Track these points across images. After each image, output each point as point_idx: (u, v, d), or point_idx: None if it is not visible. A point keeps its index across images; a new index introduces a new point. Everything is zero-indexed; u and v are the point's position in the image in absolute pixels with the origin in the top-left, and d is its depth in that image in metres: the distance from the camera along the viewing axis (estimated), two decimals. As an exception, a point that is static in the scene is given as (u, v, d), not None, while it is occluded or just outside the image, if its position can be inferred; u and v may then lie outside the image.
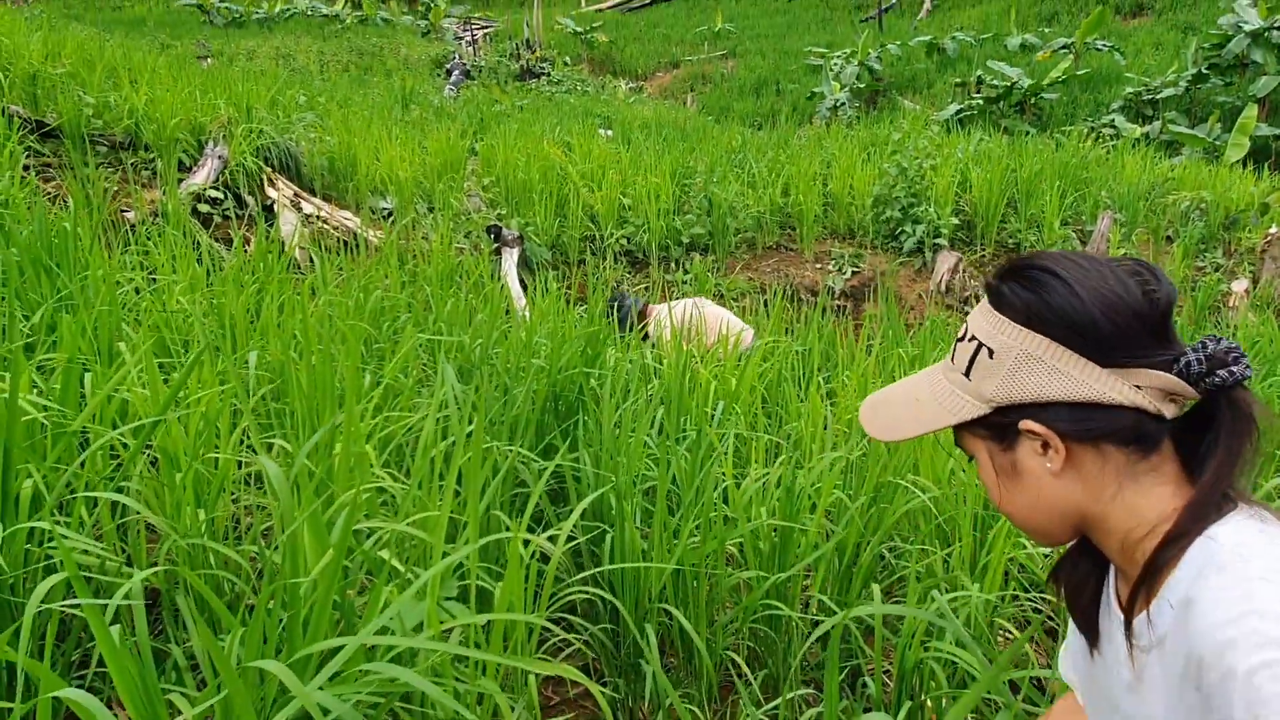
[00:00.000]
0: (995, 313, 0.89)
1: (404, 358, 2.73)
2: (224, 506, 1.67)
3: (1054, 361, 0.85)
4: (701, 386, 3.30)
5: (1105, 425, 0.84)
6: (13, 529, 1.24)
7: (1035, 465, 0.88)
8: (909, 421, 0.95)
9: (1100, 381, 0.84)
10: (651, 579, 2.14)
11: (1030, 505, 0.90)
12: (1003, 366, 0.87)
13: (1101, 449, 0.85)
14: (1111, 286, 0.84)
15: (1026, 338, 0.86)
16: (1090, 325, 0.83)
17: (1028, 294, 0.87)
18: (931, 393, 0.94)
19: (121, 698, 0.94)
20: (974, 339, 0.90)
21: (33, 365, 1.83)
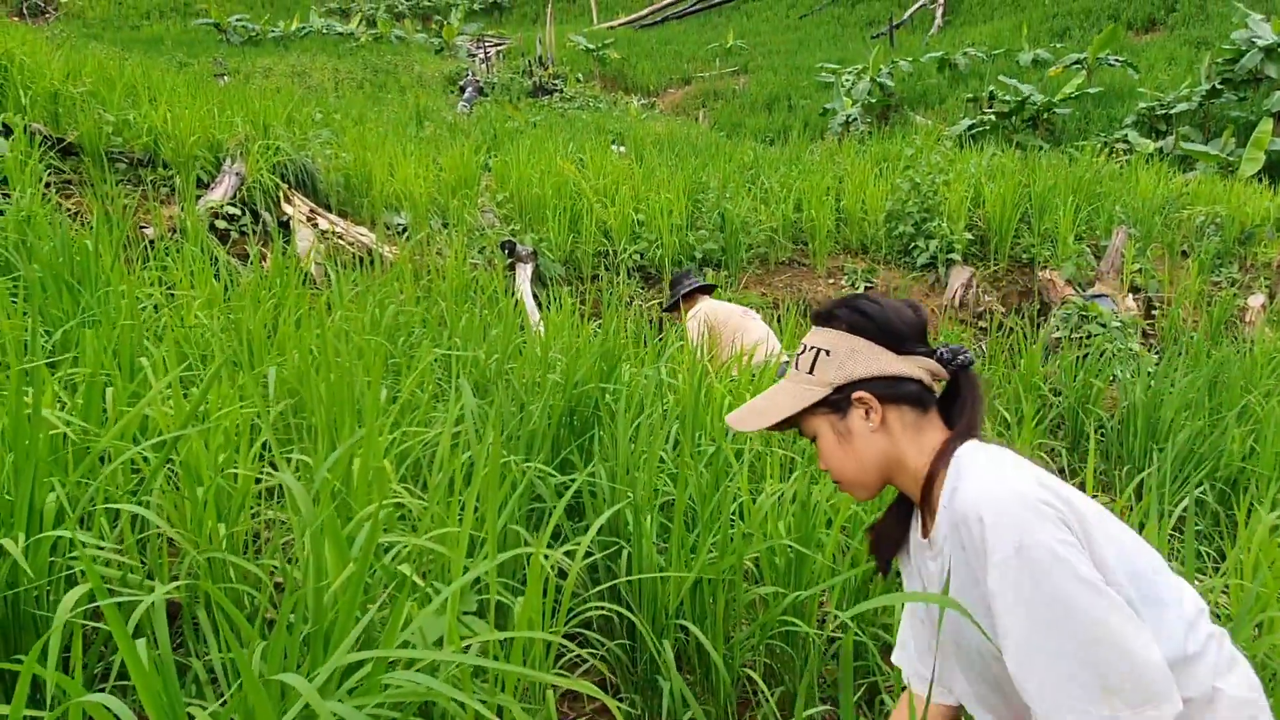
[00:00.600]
0: (825, 329, 1.32)
1: (421, 374, 2.74)
2: (244, 521, 1.67)
3: (870, 351, 1.27)
4: (716, 401, 3.29)
5: (902, 391, 1.26)
6: (36, 538, 1.25)
7: (861, 427, 1.27)
8: (773, 412, 1.30)
9: (898, 362, 1.26)
10: (669, 594, 2.14)
11: (857, 460, 1.28)
12: (838, 359, 1.28)
13: (900, 409, 1.26)
14: (898, 307, 1.30)
15: (852, 339, 1.28)
16: (889, 326, 1.27)
17: (848, 311, 1.30)
18: (786, 392, 1.32)
19: (145, 709, 0.94)
20: (814, 348, 1.31)
21: (56, 380, 1.84)
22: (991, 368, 5.19)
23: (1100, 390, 4.87)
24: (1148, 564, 1.13)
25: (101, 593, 0.93)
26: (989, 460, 1.18)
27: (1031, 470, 1.17)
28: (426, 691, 1.08)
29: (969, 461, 1.19)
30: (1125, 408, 4.58)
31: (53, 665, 0.95)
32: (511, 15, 27.32)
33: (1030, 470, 1.17)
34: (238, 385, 1.97)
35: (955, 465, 1.20)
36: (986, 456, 1.20)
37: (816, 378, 1.29)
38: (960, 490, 1.15)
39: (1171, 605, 1.12)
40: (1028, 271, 7.15)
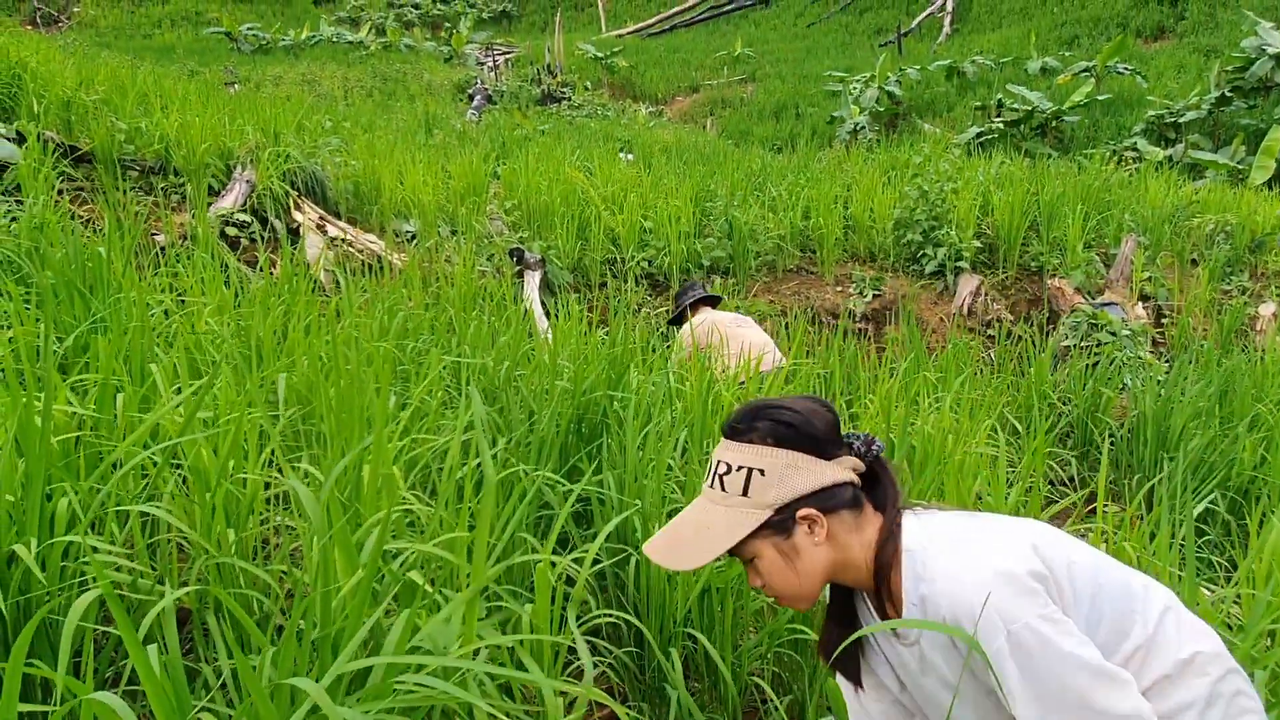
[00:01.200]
0: (746, 445, 1.25)
1: (430, 381, 2.75)
2: (253, 526, 1.68)
3: (805, 465, 1.23)
4: (725, 409, 3.29)
5: (841, 497, 1.25)
6: (49, 543, 1.26)
7: (806, 542, 1.23)
8: (708, 545, 1.24)
9: (831, 470, 1.24)
10: (676, 602, 2.14)
11: (806, 575, 1.25)
12: (774, 477, 1.22)
13: (840, 515, 1.25)
14: (810, 407, 1.26)
15: (782, 454, 1.23)
16: (813, 433, 1.24)
17: (769, 424, 1.25)
18: (719, 519, 1.24)
19: (155, 713, 0.94)
20: (742, 468, 1.24)
21: (67, 386, 1.85)
22: (1000, 376, 5.17)
23: (1110, 399, 4.85)
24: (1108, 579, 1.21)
25: (112, 598, 0.93)
26: (944, 545, 1.19)
27: (980, 529, 1.21)
28: (437, 695, 1.08)
29: (923, 550, 1.19)
30: (1135, 416, 4.57)
31: (63, 669, 0.96)
32: (520, 24, 27.44)
33: (980, 531, 1.21)
34: (246, 390, 1.98)
35: (910, 556, 1.21)
36: (938, 540, 1.20)
37: (753, 500, 1.23)
38: (933, 594, 1.16)
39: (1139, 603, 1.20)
40: (1036, 280, 7.13)
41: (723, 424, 1.30)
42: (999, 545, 1.18)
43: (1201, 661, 1.18)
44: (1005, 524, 1.26)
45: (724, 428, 1.30)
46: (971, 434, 3.34)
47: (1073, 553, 1.22)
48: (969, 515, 1.29)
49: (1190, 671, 1.17)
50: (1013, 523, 1.27)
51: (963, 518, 1.28)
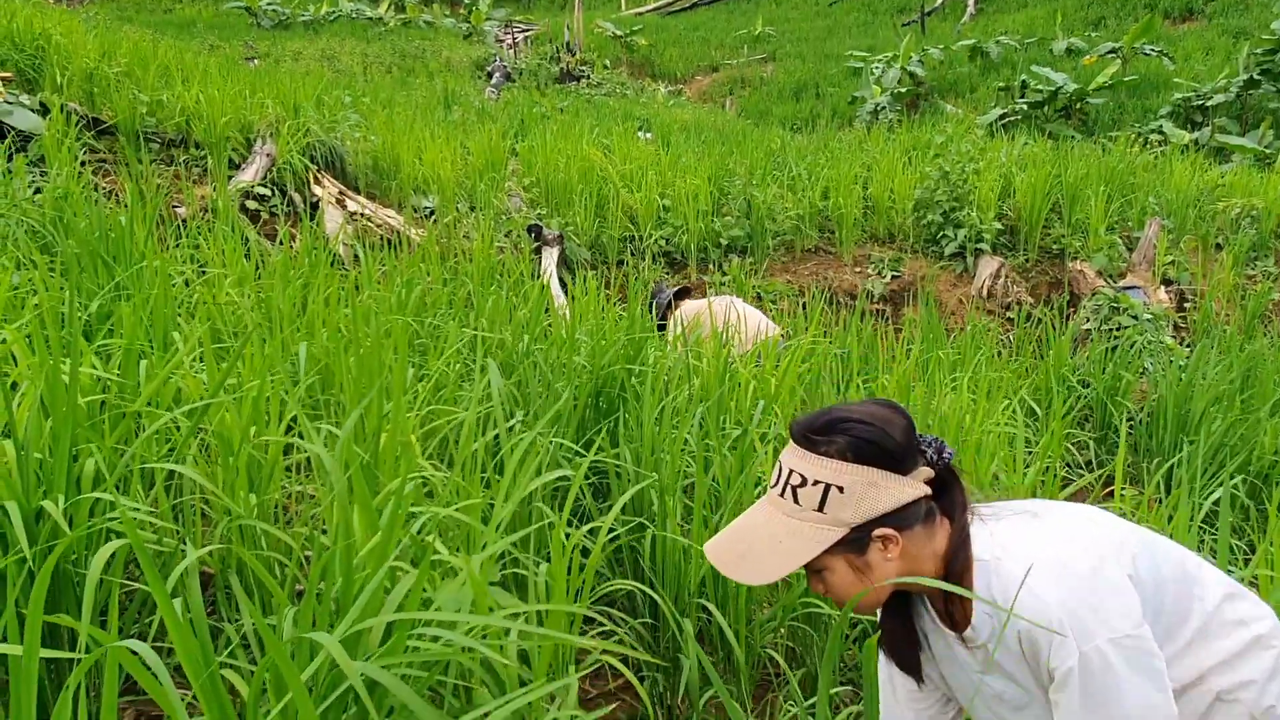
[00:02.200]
0: (823, 458, 1.20)
1: (449, 354, 2.76)
2: (274, 488, 1.70)
3: (883, 483, 1.19)
4: (741, 386, 3.29)
5: (916, 514, 1.22)
6: (75, 499, 1.28)
7: (879, 558, 1.21)
8: (782, 560, 1.21)
9: (908, 487, 1.20)
10: (691, 575, 2.15)
11: (875, 593, 1.23)
12: (854, 496, 1.18)
13: (914, 530, 1.22)
14: (887, 416, 1.22)
15: (862, 471, 1.19)
16: (891, 448, 1.20)
17: (847, 439, 1.20)
18: (792, 533, 1.21)
19: (183, 665, 0.96)
20: (819, 482, 1.20)
21: (92, 350, 1.88)
22: (1019, 359, 5.14)
23: (1130, 383, 4.82)
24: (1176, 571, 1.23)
25: (140, 547, 0.95)
26: (1019, 555, 1.18)
27: (1049, 536, 1.21)
28: (453, 652, 1.09)
29: (997, 561, 1.19)
30: (1155, 400, 4.53)
31: (86, 619, 0.98)
32: (539, 1, 27.29)
33: (1050, 538, 1.20)
34: (266, 355, 2.00)
35: (983, 566, 1.20)
36: (1011, 550, 1.19)
37: (829, 516, 1.19)
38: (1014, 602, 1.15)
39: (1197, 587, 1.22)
40: (1058, 263, 7.07)
41: (791, 427, 1.26)
42: (1074, 554, 1.18)
43: (1266, 638, 1.21)
44: (1072, 522, 1.24)
45: (796, 434, 1.24)
46: (989, 414, 3.32)
47: (1134, 542, 1.22)
48: (1033, 516, 1.26)
49: (1257, 647, 1.20)
50: (1077, 519, 1.25)
51: (1029, 521, 1.25)
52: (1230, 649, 1.20)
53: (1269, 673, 1.20)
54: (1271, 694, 1.19)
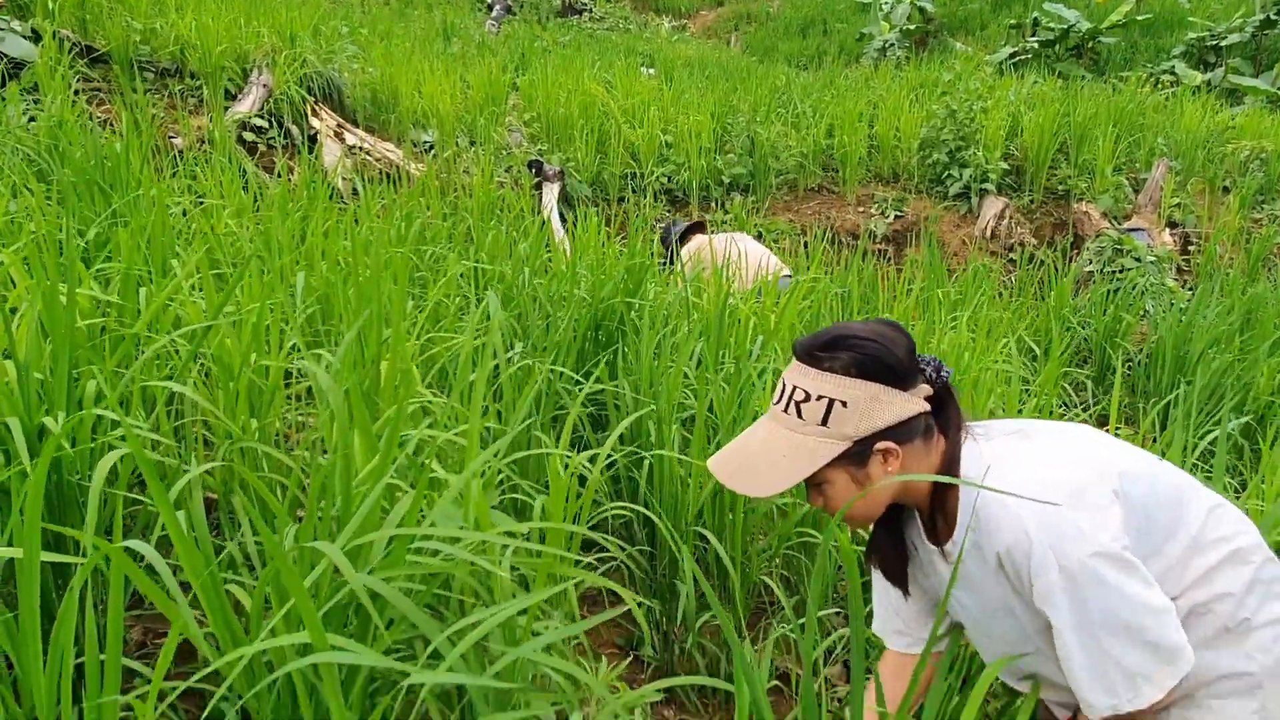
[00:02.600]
0: (827, 374, 1.22)
1: (449, 283, 2.76)
2: (275, 412, 1.71)
3: (885, 397, 1.21)
4: (741, 322, 3.29)
5: (916, 429, 1.24)
6: (77, 415, 1.29)
7: (879, 472, 1.24)
8: (785, 473, 1.23)
9: (909, 402, 1.22)
10: (688, 504, 2.18)
11: (873, 501, 1.26)
12: (857, 411, 1.21)
13: (913, 444, 1.24)
14: (890, 334, 1.23)
15: (865, 386, 1.21)
16: (893, 364, 1.21)
17: (850, 354, 1.21)
18: (795, 447, 1.23)
19: (185, 570, 0.98)
20: (822, 398, 1.22)
21: (90, 276, 1.87)
22: (1020, 299, 5.13)
23: (1130, 324, 4.82)
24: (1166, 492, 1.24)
25: (142, 457, 0.96)
26: (1009, 473, 1.20)
27: (1038, 455, 1.23)
28: (453, 565, 1.11)
29: (986, 475, 1.22)
30: (1154, 342, 4.54)
31: (91, 526, 0.99)
32: (541, -69, 26.54)
33: (1039, 457, 1.22)
34: (265, 283, 2.00)
35: (967, 488, 1.23)
36: (999, 467, 1.22)
37: (832, 430, 1.22)
38: (990, 522, 1.20)
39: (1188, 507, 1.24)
40: (1063, 204, 7.00)
41: (795, 345, 1.27)
42: (1059, 475, 1.20)
43: (1244, 552, 1.24)
44: (1061, 443, 1.27)
45: (799, 351, 1.26)
46: (988, 352, 3.33)
47: (1126, 462, 1.24)
48: (1024, 436, 1.29)
49: (1235, 561, 1.23)
50: (1067, 439, 1.28)
51: (1019, 441, 1.28)
52: (1209, 564, 1.22)
53: (1246, 586, 1.22)
54: (1248, 607, 1.22)
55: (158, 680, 0.94)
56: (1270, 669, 1.21)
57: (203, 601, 0.97)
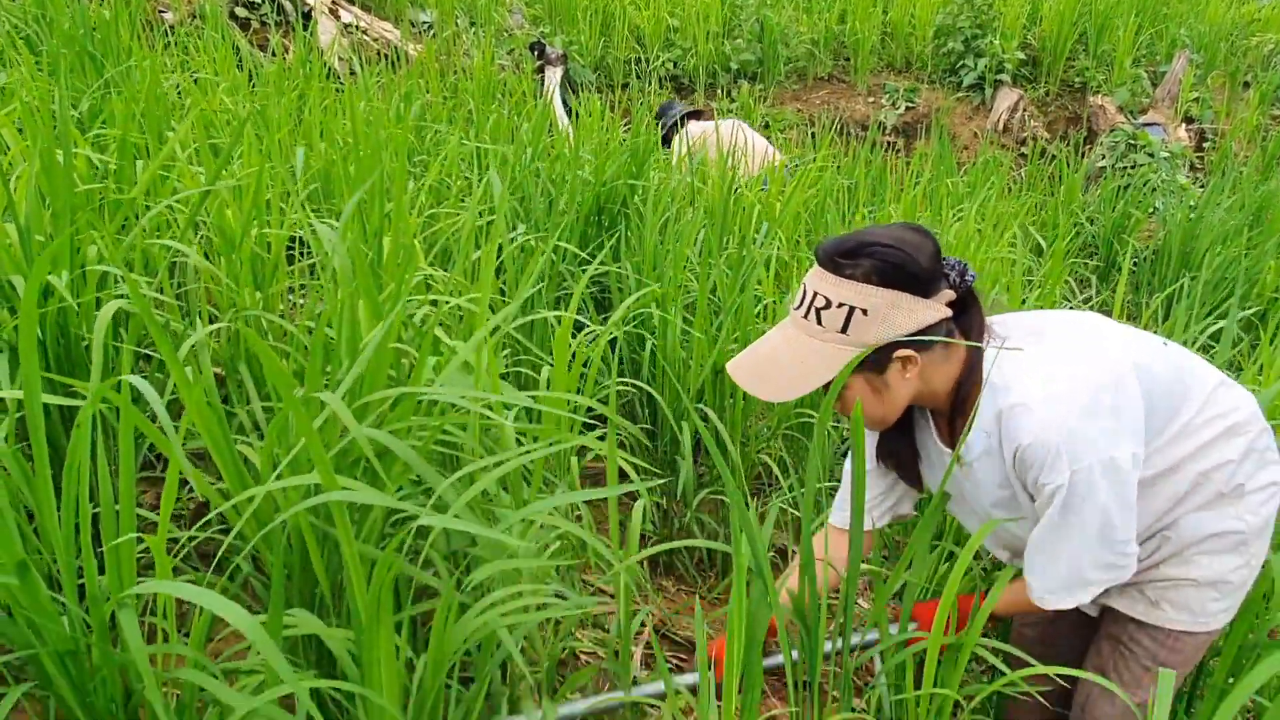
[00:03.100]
0: (848, 281, 1.20)
1: (450, 159, 2.72)
2: (279, 283, 1.71)
3: (907, 305, 1.20)
4: (746, 209, 3.25)
5: (937, 335, 1.22)
6: (81, 269, 1.29)
7: (898, 378, 1.24)
8: (804, 379, 1.23)
9: (930, 310, 1.21)
10: (690, 383, 2.20)
11: (890, 405, 1.27)
12: (877, 318, 1.20)
13: (933, 350, 1.24)
14: (915, 240, 1.21)
15: (885, 294, 1.19)
16: (916, 271, 1.20)
17: (873, 261, 1.19)
18: (815, 353, 1.23)
19: (199, 429, 0.99)
20: (843, 305, 1.20)
21: (86, 143, 1.84)
22: (1029, 195, 5.06)
23: (1139, 221, 4.76)
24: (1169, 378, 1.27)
25: (146, 311, 0.96)
26: (1027, 381, 1.21)
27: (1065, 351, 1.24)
28: (458, 416, 1.13)
29: (1006, 386, 1.22)
30: (1162, 238, 4.50)
31: (95, 378, 1.00)
32: None
33: (1055, 359, 1.23)
34: (263, 151, 1.96)
35: (992, 389, 1.23)
36: (1020, 374, 1.22)
37: (852, 337, 1.21)
38: (1011, 428, 1.21)
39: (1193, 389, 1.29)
40: (1079, 97, 6.83)
41: (817, 250, 1.25)
42: (1078, 377, 1.21)
43: (1241, 425, 1.28)
44: (1076, 340, 1.27)
45: (821, 257, 1.24)
46: (993, 242, 3.31)
47: (1136, 352, 1.26)
48: (1040, 336, 1.28)
49: (1232, 433, 1.28)
50: (1081, 334, 1.28)
51: (1035, 343, 1.27)
52: (1208, 438, 1.27)
53: (1242, 454, 1.27)
54: (1243, 473, 1.28)
55: (165, 520, 0.97)
56: (1257, 528, 1.28)
57: (210, 447, 0.98)
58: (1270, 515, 1.30)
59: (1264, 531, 1.29)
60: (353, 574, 0.93)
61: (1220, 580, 1.30)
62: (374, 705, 0.96)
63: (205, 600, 0.81)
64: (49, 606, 0.89)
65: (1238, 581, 1.31)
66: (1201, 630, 1.33)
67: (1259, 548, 1.30)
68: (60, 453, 1.38)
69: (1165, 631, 1.34)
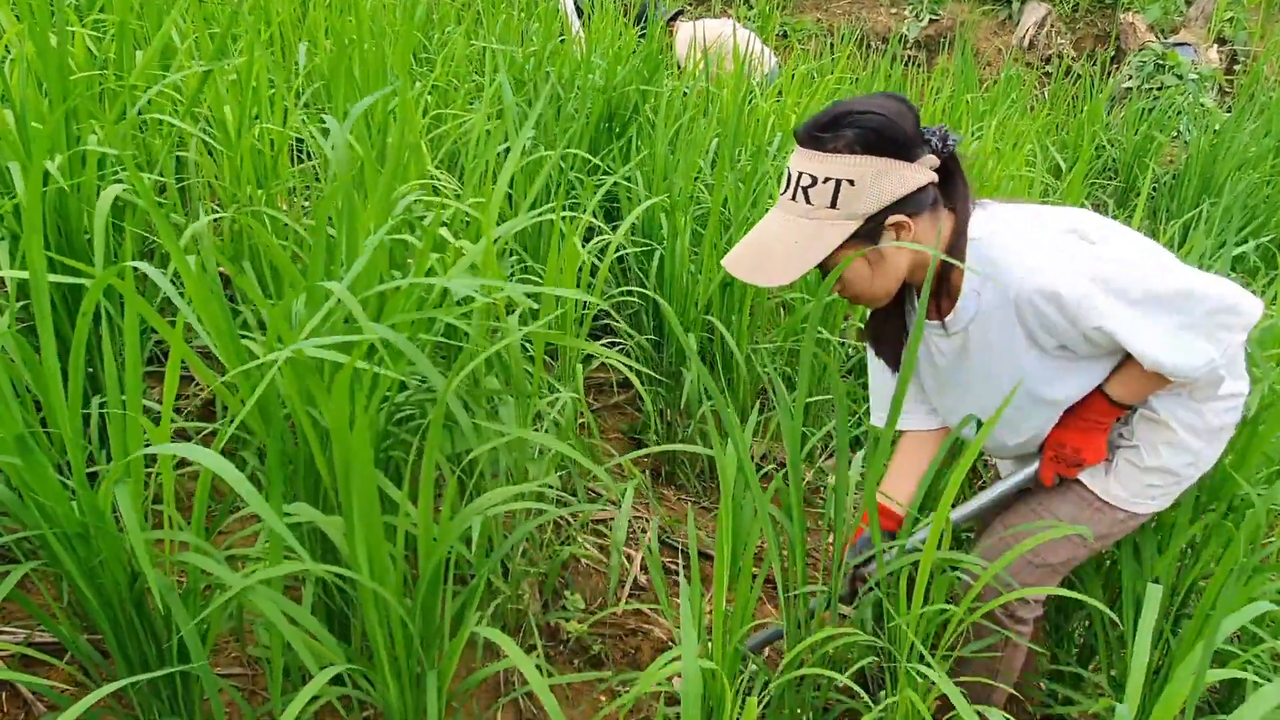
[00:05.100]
0: (831, 155, 1.18)
1: (456, 58, 2.64)
2: (282, 179, 1.68)
3: (893, 170, 1.18)
4: (760, 120, 3.18)
5: (925, 201, 1.21)
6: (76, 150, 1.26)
7: (892, 251, 1.22)
8: (798, 260, 1.21)
9: (916, 173, 1.19)
10: (698, 294, 2.18)
11: (887, 278, 1.25)
12: (864, 187, 1.18)
13: (923, 216, 1.22)
14: (895, 106, 1.19)
15: (871, 161, 1.17)
16: (898, 136, 1.18)
17: (855, 131, 1.17)
18: (806, 233, 1.21)
19: (200, 315, 0.99)
20: (829, 179, 1.18)
21: (86, 27, 1.79)
22: (1051, 114, 4.94)
23: (1161, 144, 4.65)
24: None
25: (142, 186, 0.94)
26: (1013, 227, 1.21)
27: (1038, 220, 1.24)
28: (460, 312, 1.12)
29: (991, 234, 1.22)
30: (1183, 161, 4.40)
31: (99, 254, 0.99)
32: None
33: (1043, 216, 1.24)
34: (264, 41, 1.91)
35: (975, 244, 1.22)
36: (1007, 225, 1.22)
37: (842, 211, 1.19)
38: (1004, 268, 1.20)
39: None
40: (1109, 13, 6.60)
41: (796, 130, 1.22)
42: (1065, 236, 1.21)
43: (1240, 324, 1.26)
44: (1061, 211, 1.28)
45: (801, 135, 1.21)
46: (1012, 160, 3.24)
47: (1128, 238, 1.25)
48: (1028, 206, 1.29)
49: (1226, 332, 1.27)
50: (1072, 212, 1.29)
51: (1026, 208, 1.28)
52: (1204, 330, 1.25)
53: (1231, 357, 1.27)
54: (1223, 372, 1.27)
55: (169, 397, 0.97)
56: (1215, 430, 1.31)
57: (210, 328, 0.98)
58: (1229, 423, 1.32)
59: (1220, 434, 1.32)
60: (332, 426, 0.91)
61: (1170, 471, 1.32)
62: (365, 589, 0.97)
63: (203, 458, 0.82)
64: (55, 488, 0.90)
65: (1184, 476, 1.33)
66: (1126, 509, 1.36)
67: (1213, 449, 1.33)
68: (67, 343, 1.38)
69: (1094, 497, 1.37)
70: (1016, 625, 1.45)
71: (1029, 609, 1.45)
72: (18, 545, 1.16)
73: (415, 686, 1.08)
